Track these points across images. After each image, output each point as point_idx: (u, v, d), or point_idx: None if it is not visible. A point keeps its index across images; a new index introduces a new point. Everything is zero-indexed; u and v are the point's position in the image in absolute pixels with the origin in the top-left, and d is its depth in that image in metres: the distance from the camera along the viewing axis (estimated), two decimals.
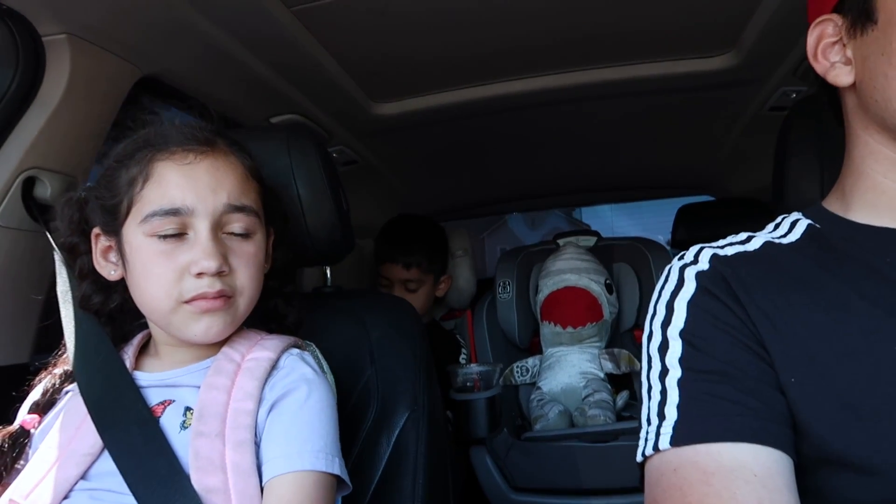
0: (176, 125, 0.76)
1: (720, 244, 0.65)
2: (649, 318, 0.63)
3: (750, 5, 1.19)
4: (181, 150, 0.73)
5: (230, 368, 0.74)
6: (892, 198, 0.60)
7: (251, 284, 0.76)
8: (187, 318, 0.72)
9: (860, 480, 0.50)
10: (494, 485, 1.62)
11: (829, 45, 0.62)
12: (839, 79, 0.61)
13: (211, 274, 0.71)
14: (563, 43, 1.32)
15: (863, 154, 0.62)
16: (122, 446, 0.69)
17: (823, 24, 0.62)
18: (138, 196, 0.72)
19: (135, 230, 0.72)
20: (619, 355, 1.77)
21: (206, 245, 0.71)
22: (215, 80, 1.22)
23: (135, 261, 0.72)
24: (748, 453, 0.51)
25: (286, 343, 0.80)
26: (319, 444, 0.70)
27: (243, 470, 0.67)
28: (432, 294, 1.92)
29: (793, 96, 1.54)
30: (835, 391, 0.52)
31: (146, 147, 0.74)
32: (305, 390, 0.73)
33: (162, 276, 0.71)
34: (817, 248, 0.61)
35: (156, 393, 0.75)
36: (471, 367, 1.63)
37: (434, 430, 0.97)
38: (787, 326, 0.55)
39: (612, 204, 3.10)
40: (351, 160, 1.82)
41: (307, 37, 1.16)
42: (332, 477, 0.70)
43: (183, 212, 0.71)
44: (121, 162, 0.74)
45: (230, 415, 0.70)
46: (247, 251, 0.76)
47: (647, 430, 0.58)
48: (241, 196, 0.75)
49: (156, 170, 0.72)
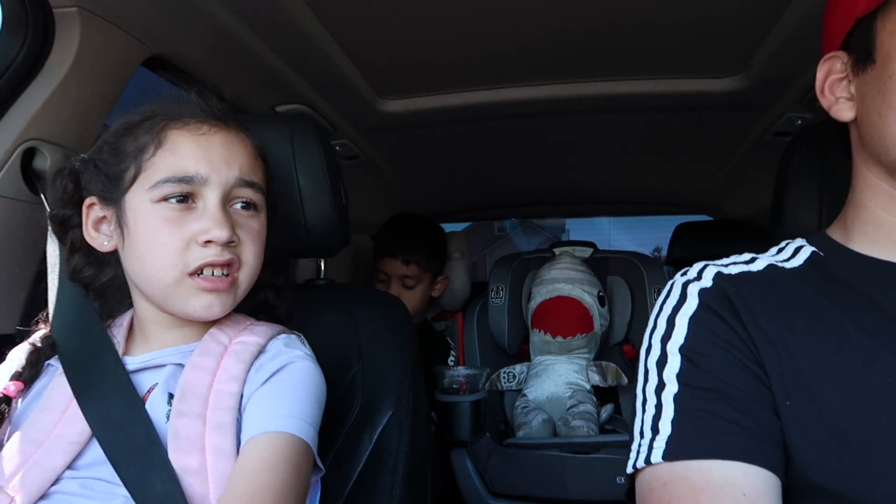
0: (191, 98, 0.76)
1: (724, 262, 0.65)
2: (649, 331, 0.63)
3: (762, 30, 1.19)
4: (196, 120, 0.73)
5: (217, 350, 0.74)
6: (890, 231, 0.61)
7: (255, 260, 0.76)
8: (189, 293, 0.71)
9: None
10: (473, 489, 1.62)
11: (837, 81, 0.63)
12: (841, 114, 0.63)
13: (221, 243, 0.70)
14: (573, 53, 1.32)
15: (863, 187, 0.63)
16: (100, 414, 0.68)
17: (832, 61, 0.64)
18: (148, 163, 0.71)
19: (141, 197, 0.71)
20: (607, 368, 1.77)
21: (217, 214, 0.71)
22: (223, 65, 1.22)
23: (139, 228, 0.71)
24: (739, 472, 0.52)
25: (275, 330, 0.80)
26: (294, 409, 0.70)
27: (223, 451, 0.67)
28: (428, 293, 1.93)
29: (797, 123, 1.54)
30: (826, 418, 0.52)
31: (159, 116, 0.73)
32: (293, 367, 0.73)
33: (169, 245, 0.70)
34: (819, 276, 0.62)
35: (143, 377, 0.73)
36: (458, 369, 1.63)
37: (417, 429, 0.97)
38: (786, 350, 0.56)
39: (610, 217, 3.10)
40: (353, 155, 1.82)
41: (319, 28, 1.16)
42: (305, 443, 0.69)
43: (196, 180, 0.70)
44: (129, 130, 0.73)
45: (213, 396, 0.70)
46: (253, 226, 0.76)
47: (639, 442, 0.58)
48: (252, 172, 0.76)
49: (169, 137, 0.72)
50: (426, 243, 1.88)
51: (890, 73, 0.56)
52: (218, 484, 0.65)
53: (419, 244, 1.86)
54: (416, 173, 2.16)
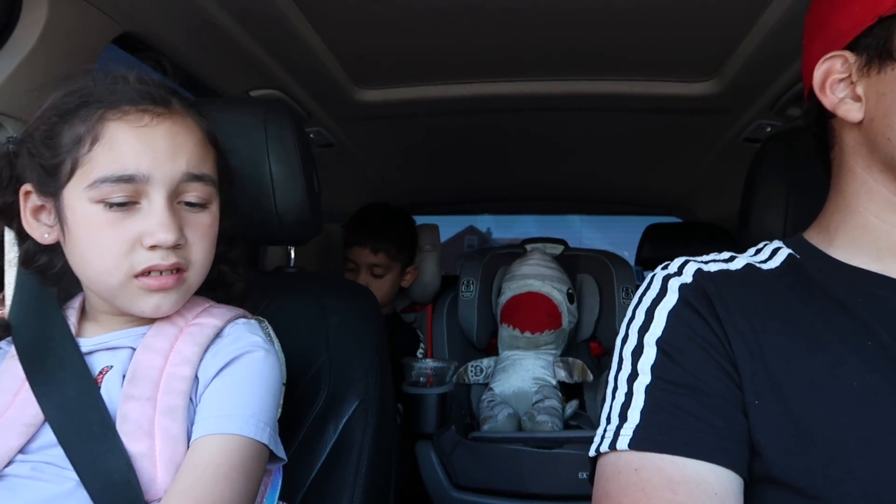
0: (129, 80, 0.69)
1: (704, 260, 0.66)
2: (626, 321, 0.64)
3: (735, 37, 1.21)
4: (135, 109, 0.67)
5: (171, 332, 0.71)
6: (878, 238, 0.61)
7: (205, 258, 0.72)
8: (136, 294, 0.68)
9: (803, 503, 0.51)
10: (437, 481, 1.63)
11: (837, 82, 0.62)
12: (850, 114, 0.61)
13: (167, 247, 0.66)
14: (551, 51, 1.33)
15: (858, 192, 0.63)
16: (54, 399, 0.66)
17: (832, 60, 0.62)
18: (85, 158, 0.65)
19: (79, 195, 0.65)
20: (573, 365, 1.79)
21: (163, 216, 0.66)
22: (197, 46, 1.20)
23: (78, 229, 0.67)
24: (709, 472, 0.53)
25: (235, 313, 0.77)
26: (252, 410, 0.67)
27: (172, 436, 0.65)
28: (398, 283, 1.92)
29: (767, 129, 1.57)
30: (793, 417, 0.53)
31: (94, 103, 0.67)
32: (250, 357, 0.71)
33: (111, 248, 0.65)
34: (795, 278, 0.63)
35: (97, 359, 0.71)
36: (426, 362, 1.63)
37: (382, 420, 0.97)
38: (758, 349, 0.57)
39: (581, 215, 3.13)
40: (328, 143, 1.80)
41: (296, 13, 1.15)
42: (261, 446, 0.67)
43: (138, 179, 0.65)
44: (62, 117, 0.67)
45: (164, 379, 0.67)
46: (203, 223, 0.71)
47: (605, 427, 0.59)
48: (200, 164, 0.70)
49: (107, 130, 0.65)
50: (396, 233, 1.87)
51: None
52: (166, 469, 0.64)
53: (388, 233, 1.85)
54: (391, 164, 2.15)
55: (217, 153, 0.76)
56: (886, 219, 0.61)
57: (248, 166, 0.93)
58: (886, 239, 0.61)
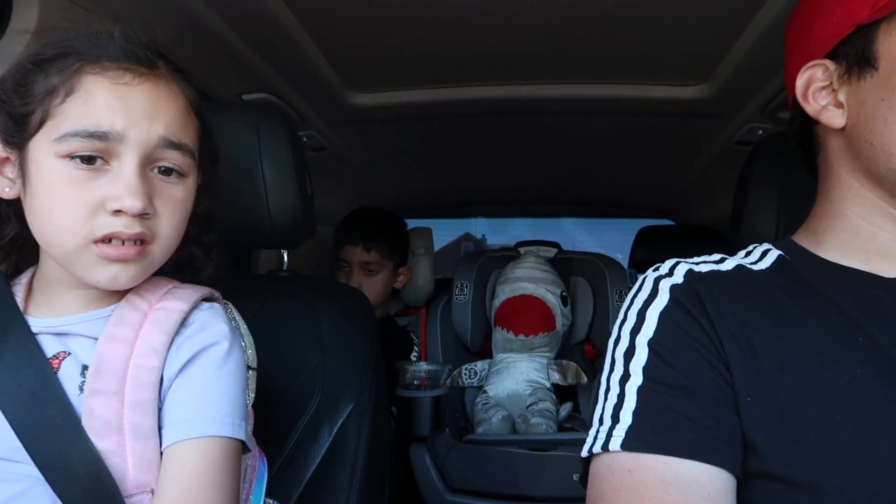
0: (115, 37, 0.65)
1: (695, 261, 0.67)
2: (619, 322, 0.64)
3: (727, 41, 1.22)
4: (117, 66, 0.62)
5: (135, 318, 0.66)
6: (866, 240, 0.62)
7: (173, 233, 0.67)
8: (93, 262, 0.62)
9: (798, 497, 0.52)
10: (431, 484, 1.63)
11: (819, 89, 0.64)
12: (833, 121, 0.63)
13: (132, 214, 0.61)
14: (544, 55, 1.33)
15: (844, 196, 0.64)
16: (10, 390, 0.61)
17: (814, 69, 0.64)
18: (57, 109, 0.61)
19: (45, 149, 0.61)
20: (567, 367, 1.79)
21: (131, 180, 0.61)
22: (189, 49, 1.19)
23: (40, 185, 0.62)
24: (702, 472, 0.53)
25: (200, 293, 0.72)
26: (227, 409, 0.65)
27: (142, 432, 0.62)
28: (391, 284, 1.92)
29: (759, 133, 1.58)
30: (786, 413, 0.54)
31: (73, 55, 0.62)
32: (216, 350, 0.67)
33: (72, 209, 0.61)
34: (785, 278, 0.63)
35: (48, 342, 0.65)
36: (420, 365, 1.63)
37: (377, 424, 0.96)
38: (750, 348, 0.57)
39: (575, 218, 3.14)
40: (320, 146, 1.80)
41: (288, 16, 1.15)
42: (238, 442, 0.65)
43: (111, 137, 0.60)
44: (38, 65, 0.63)
45: (131, 371, 0.63)
46: (175, 195, 0.66)
47: (598, 428, 0.59)
48: (180, 132, 0.66)
49: (83, 83, 0.61)
50: (387, 232, 1.89)
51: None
52: (137, 465, 0.61)
53: (380, 232, 1.87)
54: (384, 167, 2.15)
55: (202, 126, 0.72)
56: (874, 221, 0.62)
57: (240, 170, 0.92)
58: (874, 241, 0.62)
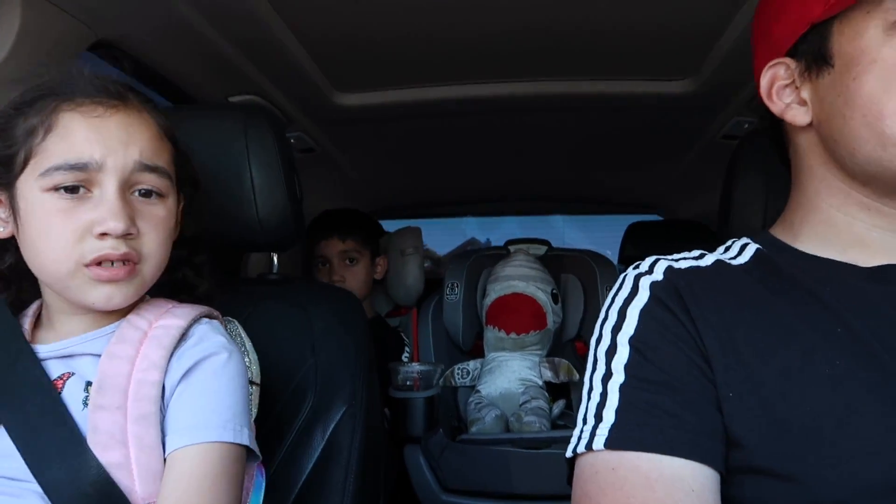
0: (85, 74, 0.70)
1: (675, 258, 0.67)
2: (600, 322, 0.64)
3: (712, 36, 1.22)
4: (90, 101, 0.67)
5: (135, 336, 0.69)
6: (841, 231, 0.63)
7: (158, 251, 0.71)
8: (87, 284, 0.66)
9: (784, 489, 0.52)
10: (426, 484, 1.62)
11: (782, 87, 0.65)
12: (796, 118, 0.64)
13: (116, 235, 0.65)
14: (531, 52, 1.33)
15: (818, 189, 0.65)
16: (17, 417, 0.64)
17: (776, 67, 0.65)
18: (38, 148, 0.65)
19: (31, 185, 0.65)
20: (559, 364, 1.79)
21: (114, 204, 0.65)
22: (174, 52, 1.18)
23: (30, 218, 0.66)
24: (685, 468, 0.53)
25: (198, 312, 0.75)
26: (227, 415, 0.67)
27: (146, 444, 0.64)
28: (371, 275, 1.94)
29: (745, 126, 1.59)
30: (768, 406, 0.54)
31: (50, 95, 0.67)
32: (216, 360, 0.70)
33: (61, 236, 0.65)
34: (764, 272, 0.64)
35: (54, 365, 0.69)
36: (412, 365, 1.62)
37: (370, 425, 0.96)
38: (731, 342, 0.57)
39: (564, 215, 3.14)
40: (308, 148, 1.79)
41: (274, 17, 1.14)
42: (240, 448, 0.67)
43: (90, 167, 0.65)
44: (19, 109, 0.67)
45: (133, 386, 0.66)
46: (156, 214, 0.70)
47: (581, 428, 0.59)
48: (154, 156, 0.70)
49: (60, 121, 0.66)
50: (359, 223, 1.94)
51: (853, 76, 0.58)
52: (143, 477, 0.63)
53: (353, 223, 1.92)
54: (373, 168, 2.15)
55: (175, 150, 0.75)
56: (848, 211, 0.63)
57: (228, 173, 0.92)
58: (850, 231, 0.63)
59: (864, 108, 0.57)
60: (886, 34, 0.56)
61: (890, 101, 0.56)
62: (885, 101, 0.56)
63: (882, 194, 0.60)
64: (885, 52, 0.56)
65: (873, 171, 0.59)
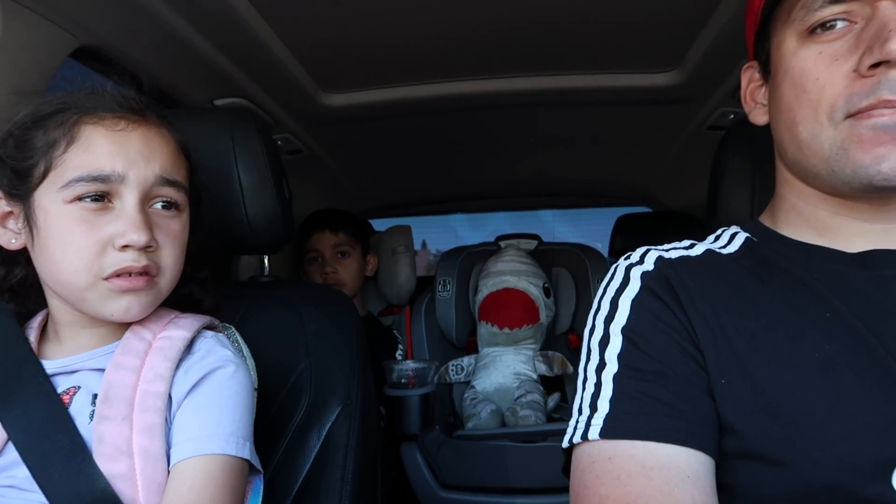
0: (107, 90, 0.71)
1: (665, 248, 0.68)
2: (593, 313, 0.65)
3: (695, 27, 1.23)
4: (112, 115, 0.68)
5: (140, 347, 0.70)
6: (809, 218, 0.65)
7: (175, 264, 0.72)
8: (106, 296, 0.67)
9: (775, 473, 0.53)
10: (424, 481, 1.63)
11: (756, 88, 0.69)
12: (757, 118, 0.69)
13: (138, 248, 0.66)
14: (516, 48, 1.33)
15: (780, 181, 0.69)
16: (22, 425, 0.64)
17: (752, 69, 0.70)
18: (59, 160, 0.66)
19: (52, 196, 0.66)
20: (553, 358, 1.80)
21: (135, 217, 0.66)
22: (158, 56, 1.18)
23: (49, 230, 0.66)
24: (680, 455, 0.54)
25: (201, 322, 0.76)
26: (231, 428, 0.67)
27: (152, 455, 0.64)
28: (363, 269, 1.96)
29: (731, 117, 1.60)
30: (759, 391, 0.55)
31: (71, 109, 0.68)
32: (222, 373, 0.70)
33: (82, 248, 0.65)
34: (753, 260, 0.65)
35: (61, 381, 0.69)
36: (406, 363, 1.62)
37: (366, 425, 0.96)
38: (721, 330, 0.58)
39: (553, 210, 3.15)
40: (296, 149, 1.79)
41: (258, 19, 1.14)
42: (242, 461, 0.68)
43: (112, 179, 0.65)
44: (38, 122, 0.68)
45: (139, 397, 0.66)
46: (174, 228, 0.72)
47: (577, 419, 0.60)
48: (173, 170, 0.71)
49: (83, 133, 0.66)
50: (349, 219, 1.96)
51: (777, 83, 0.63)
52: (148, 488, 0.63)
53: (343, 218, 1.94)
54: (361, 167, 2.14)
55: (190, 166, 0.77)
56: (808, 201, 0.65)
57: (216, 176, 0.92)
58: (814, 218, 0.65)
59: (784, 113, 0.62)
60: (798, 44, 0.60)
61: (801, 109, 0.60)
62: (796, 108, 0.60)
63: (825, 190, 0.63)
64: (794, 62, 0.60)
65: (800, 171, 0.63)
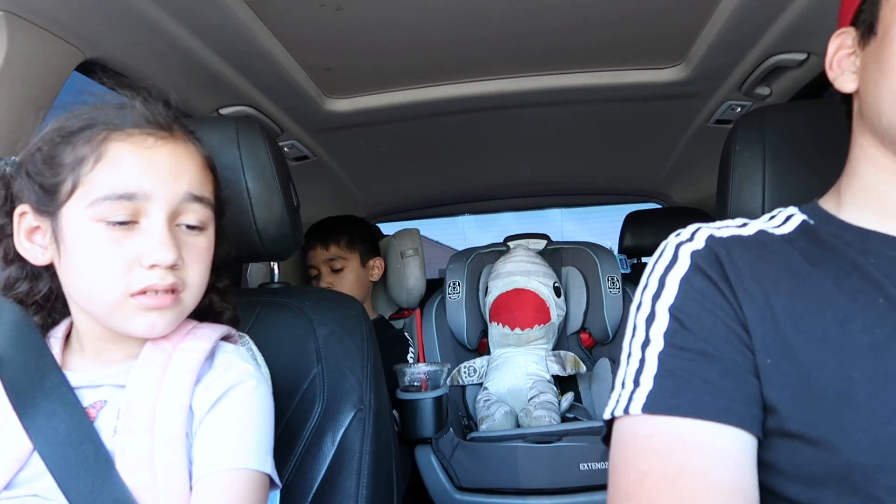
0: (136, 106, 0.71)
1: (717, 226, 0.67)
2: (640, 289, 0.65)
3: (699, 21, 1.22)
4: (140, 132, 0.68)
5: (160, 359, 0.70)
6: (879, 198, 0.64)
7: (200, 281, 0.72)
8: (131, 313, 0.67)
9: (814, 453, 0.53)
10: (439, 484, 1.62)
11: (846, 56, 0.66)
12: (844, 85, 0.65)
13: (165, 266, 0.66)
14: (519, 48, 1.33)
15: (858, 155, 0.66)
16: (45, 432, 0.65)
17: (843, 36, 0.66)
18: (87, 177, 0.66)
19: (79, 214, 0.66)
20: (565, 357, 1.79)
21: (163, 235, 0.66)
22: (163, 68, 1.18)
23: (76, 247, 0.66)
24: (722, 433, 0.54)
25: (220, 332, 0.76)
26: (253, 443, 0.68)
27: (174, 467, 0.65)
28: (364, 277, 1.93)
29: (737, 110, 1.59)
30: (804, 373, 0.55)
31: (99, 125, 0.68)
32: (243, 388, 0.70)
33: (109, 266, 0.65)
34: (807, 242, 0.64)
35: (87, 394, 0.70)
36: (418, 366, 1.62)
37: (380, 429, 0.96)
38: (769, 310, 0.58)
39: (561, 208, 3.15)
40: (302, 156, 1.79)
41: (260, 27, 1.14)
42: (264, 476, 0.68)
43: (139, 197, 0.65)
44: (66, 138, 0.67)
45: (160, 409, 0.67)
46: (200, 245, 0.72)
47: (620, 392, 0.60)
48: (201, 186, 0.71)
49: (110, 150, 0.66)
50: (344, 228, 1.93)
51: (888, 42, 0.59)
52: (170, 501, 0.64)
53: (335, 229, 1.91)
54: (367, 172, 2.15)
55: (216, 181, 0.77)
56: (884, 178, 0.63)
57: (224, 185, 0.92)
58: (887, 199, 0.63)
59: (891, 74, 0.58)
60: None
61: None
62: None
63: None
64: None
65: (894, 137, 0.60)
